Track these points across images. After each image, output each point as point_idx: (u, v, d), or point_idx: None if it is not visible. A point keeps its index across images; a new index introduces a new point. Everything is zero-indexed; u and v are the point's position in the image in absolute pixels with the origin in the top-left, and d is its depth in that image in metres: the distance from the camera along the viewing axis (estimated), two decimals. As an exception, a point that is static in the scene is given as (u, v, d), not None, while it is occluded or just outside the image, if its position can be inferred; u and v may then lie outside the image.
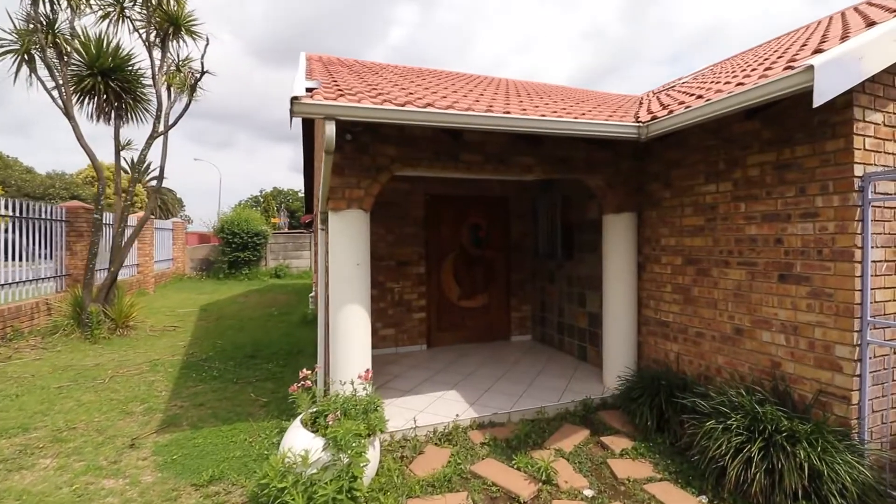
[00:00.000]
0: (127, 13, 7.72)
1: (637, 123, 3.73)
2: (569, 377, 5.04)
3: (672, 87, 6.24)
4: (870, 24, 3.14)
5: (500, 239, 6.98)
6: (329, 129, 2.89)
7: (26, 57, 7.19)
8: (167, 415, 4.24)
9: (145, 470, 3.27)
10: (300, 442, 2.69)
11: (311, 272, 17.22)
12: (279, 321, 8.93)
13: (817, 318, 3.05)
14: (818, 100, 2.37)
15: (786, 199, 3.25)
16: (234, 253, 16.38)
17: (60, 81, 7.36)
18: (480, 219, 6.87)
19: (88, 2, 7.43)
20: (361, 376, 3.12)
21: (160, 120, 8.05)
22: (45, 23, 7.12)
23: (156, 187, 8.74)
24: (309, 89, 3.14)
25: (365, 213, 3.73)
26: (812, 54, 2.80)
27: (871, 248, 2.84)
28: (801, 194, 3.15)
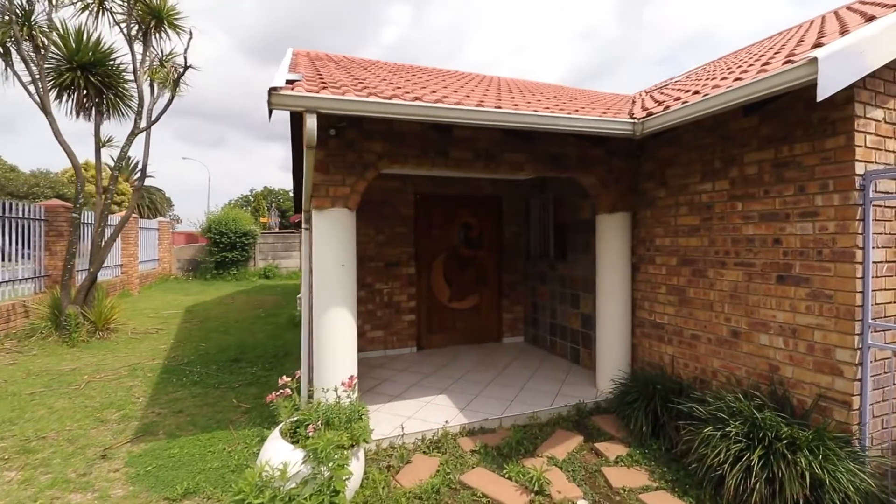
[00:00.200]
0: (107, 5, 7.48)
1: (632, 120, 3.62)
2: (561, 380, 4.93)
3: (665, 86, 6.16)
4: (869, 18, 3.06)
5: (492, 239, 6.86)
6: (311, 122, 2.73)
7: (1, 50, 6.93)
8: (143, 423, 4.06)
9: (116, 483, 3.09)
10: (278, 454, 2.54)
11: (300, 273, 16.98)
12: (266, 323, 8.73)
13: (817, 320, 2.96)
14: (822, 94, 2.28)
15: (784, 198, 3.16)
16: (222, 253, 16.08)
17: (37, 76, 7.11)
18: (472, 218, 6.74)
19: (67, -7, 7.20)
20: (345, 383, 2.97)
21: (141, 116, 7.81)
22: (20, 14, 6.87)
23: (138, 185, 8.49)
24: (290, 81, 2.98)
25: (351, 211, 3.58)
26: (812, 49, 2.71)
27: (871, 248, 2.76)
28: (800, 193, 3.06)
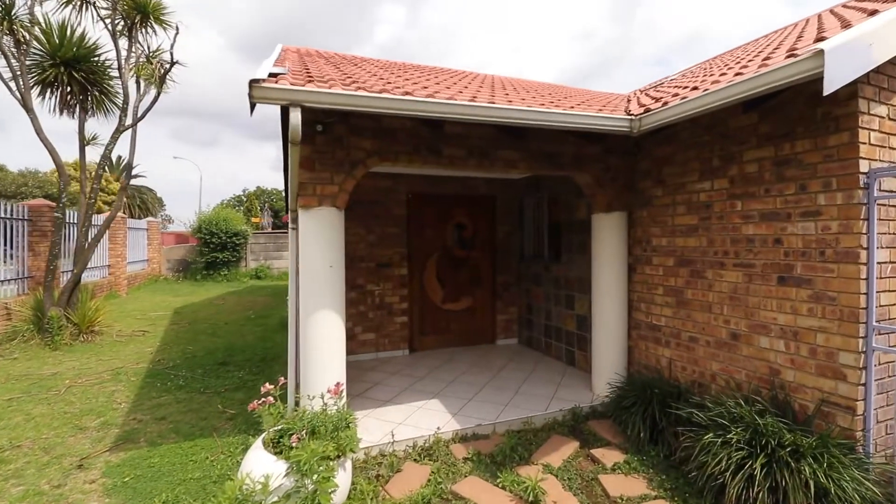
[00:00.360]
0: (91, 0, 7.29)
1: (629, 116, 3.53)
2: (556, 383, 4.82)
3: (660, 85, 6.08)
4: (871, 13, 2.98)
5: (486, 239, 6.74)
6: (294, 117, 2.60)
7: (-20, 45, 6.72)
8: (124, 430, 3.90)
9: (91, 495, 2.94)
10: (260, 466, 2.41)
11: (292, 273, 16.75)
12: (255, 325, 8.56)
13: (819, 322, 2.87)
14: (828, 87, 2.18)
15: (785, 197, 3.07)
16: (213, 253, 15.84)
17: (18, 72, 6.90)
18: (465, 218, 6.63)
19: (50, -13, 7.01)
20: (331, 391, 2.84)
21: (126, 113, 7.62)
22: (0, 8, 6.66)
23: (124, 184, 8.30)
24: (274, 74, 2.85)
25: (339, 210, 3.45)
26: (814, 43, 2.62)
27: (876, 248, 2.67)
28: (801, 192, 2.97)
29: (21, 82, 6.90)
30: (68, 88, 7.59)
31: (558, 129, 3.60)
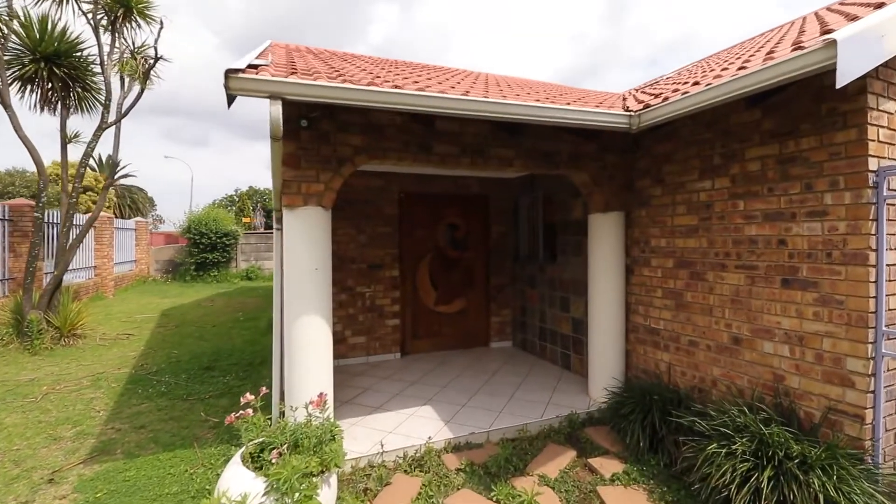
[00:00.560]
0: (73, -7, 7.06)
1: (628, 112, 3.40)
2: (552, 388, 4.69)
3: (656, 83, 5.97)
4: (879, 5, 2.87)
5: (479, 240, 6.60)
6: (275, 110, 2.45)
7: (-44, 39, 6.48)
8: (100, 440, 3.72)
9: (60, 513, 2.77)
10: (238, 483, 2.25)
11: (284, 274, 16.51)
12: (244, 328, 8.35)
13: (826, 327, 2.76)
14: (841, 80, 2.06)
15: (790, 197, 2.95)
16: (202, 254, 15.57)
17: (-4, 67, 6.66)
18: (458, 218, 6.48)
19: (29, -21, 6.77)
20: (314, 402, 2.68)
21: (109, 110, 7.39)
22: (-23, 1, 6.43)
23: (108, 183, 8.07)
24: (255, 66, 2.69)
25: (325, 210, 3.30)
26: (821, 35, 2.50)
27: (885, 250, 2.56)
28: (807, 191, 2.86)
29: (-1, 78, 6.66)
30: (49, 84, 7.36)
31: (555, 126, 3.47)
